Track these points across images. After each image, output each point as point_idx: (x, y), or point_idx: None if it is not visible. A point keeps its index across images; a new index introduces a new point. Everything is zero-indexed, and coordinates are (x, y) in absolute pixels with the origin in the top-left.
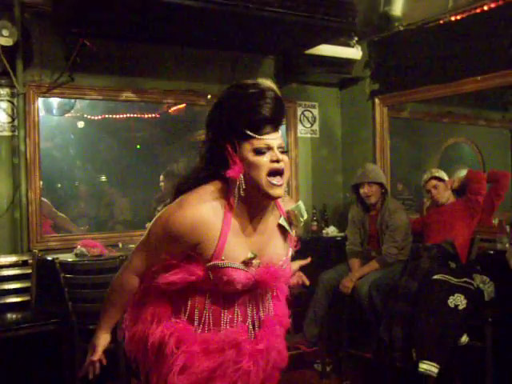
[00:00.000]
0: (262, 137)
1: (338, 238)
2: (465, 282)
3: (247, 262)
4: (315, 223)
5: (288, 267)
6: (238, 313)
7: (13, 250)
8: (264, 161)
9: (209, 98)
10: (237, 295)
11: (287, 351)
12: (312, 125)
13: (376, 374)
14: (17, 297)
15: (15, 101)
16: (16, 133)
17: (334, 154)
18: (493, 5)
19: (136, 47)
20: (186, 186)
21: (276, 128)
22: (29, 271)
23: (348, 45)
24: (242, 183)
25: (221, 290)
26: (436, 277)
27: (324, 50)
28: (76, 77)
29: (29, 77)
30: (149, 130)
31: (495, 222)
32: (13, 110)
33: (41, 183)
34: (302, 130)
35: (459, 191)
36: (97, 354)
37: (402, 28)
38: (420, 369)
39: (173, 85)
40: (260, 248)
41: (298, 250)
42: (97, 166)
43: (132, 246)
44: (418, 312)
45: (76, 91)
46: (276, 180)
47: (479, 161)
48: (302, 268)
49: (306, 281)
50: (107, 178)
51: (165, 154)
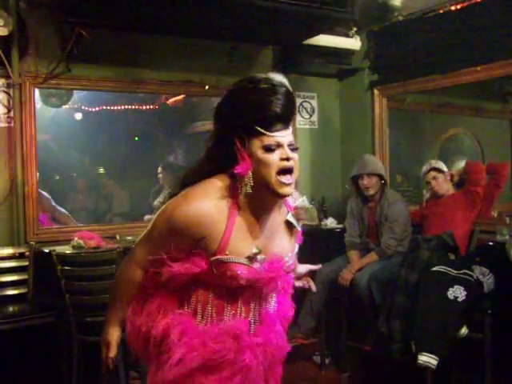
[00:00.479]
0: (273, 134)
1: (337, 230)
2: (464, 274)
3: (252, 258)
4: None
5: (293, 263)
6: (242, 308)
7: (9, 243)
8: (274, 158)
9: (206, 89)
10: (241, 290)
11: (289, 346)
12: (311, 116)
13: (375, 366)
14: (14, 289)
15: (11, 92)
16: (12, 124)
17: (333, 145)
18: None
19: (133, 37)
20: (192, 179)
21: (287, 125)
22: (25, 263)
23: (347, 35)
24: (251, 180)
25: (224, 285)
26: (435, 268)
27: (323, 41)
28: (73, 67)
29: (25, 67)
30: (147, 122)
31: (495, 214)
32: (9, 101)
33: (37, 175)
34: (301, 121)
35: (459, 183)
36: (113, 350)
37: (402, 18)
38: (419, 361)
39: (170, 75)
40: (265, 244)
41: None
42: (94, 158)
43: (130, 238)
44: (418, 304)
45: (73, 82)
46: (286, 178)
47: (478, 152)
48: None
49: (313, 287)
50: (105, 170)
51: (163, 146)
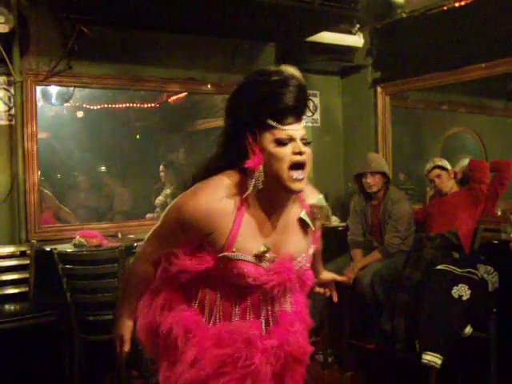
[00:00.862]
0: (285, 127)
1: (340, 228)
2: (468, 272)
3: (259, 256)
4: None
5: (307, 264)
6: (250, 307)
7: (11, 241)
8: (286, 152)
9: (208, 87)
10: (249, 289)
11: (310, 346)
12: (313, 114)
13: (378, 365)
14: (15, 288)
15: (12, 89)
16: (13, 122)
17: (336, 143)
18: None
19: (135, 34)
20: (203, 175)
21: (299, 118)
22: (27, 262)
23: (350, 32)
24: (262, 175)
25: (233, 284)
26: (439, 267)
27: (325, 38)
28: (74, 65)
29: (26, 64)
30: (148, 120)
31: (499, 212)
32: (10, 99)
33: (39, 173)
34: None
35: (463, 181)
36: (127, 344)
37: (405, 15)
38: (423, 360)
39: (172, 73)
40: (276, 242)
41: None
42: (96, 157)
43: (131, 237)
44: (421, 303)
45: (74, 79)
46: (298, 174)
47: (481, 150)
48: None
49: (335, 297)
50: (107, 168)
51: (165, 144)
